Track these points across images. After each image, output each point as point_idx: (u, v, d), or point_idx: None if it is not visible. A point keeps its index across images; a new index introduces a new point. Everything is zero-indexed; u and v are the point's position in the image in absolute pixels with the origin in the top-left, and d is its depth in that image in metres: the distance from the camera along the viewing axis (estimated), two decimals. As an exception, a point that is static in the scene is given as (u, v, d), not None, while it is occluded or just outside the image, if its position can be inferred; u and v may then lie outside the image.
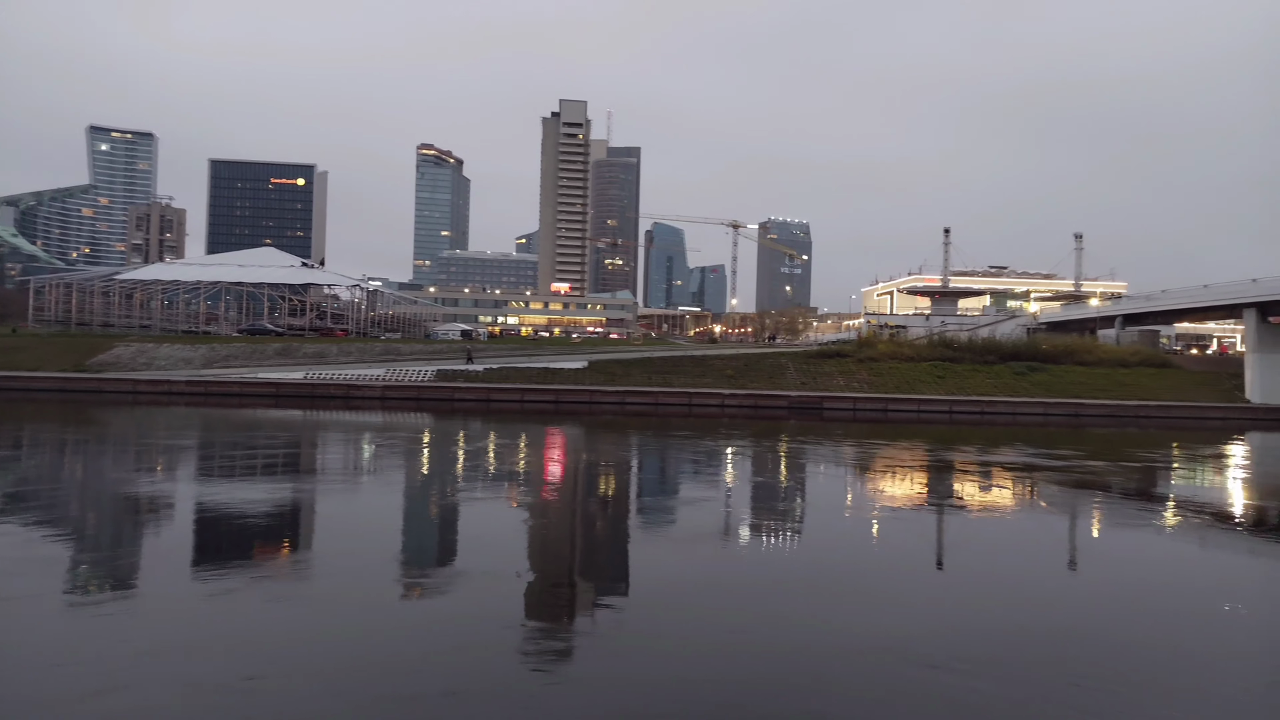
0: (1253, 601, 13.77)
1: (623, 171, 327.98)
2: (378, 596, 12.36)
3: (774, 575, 14.74)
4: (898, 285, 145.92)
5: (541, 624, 11.57)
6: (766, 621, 11.79)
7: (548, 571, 14.88)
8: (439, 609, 12.12)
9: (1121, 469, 32.13)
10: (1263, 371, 68.59)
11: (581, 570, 15.16)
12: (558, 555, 16.27)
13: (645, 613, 12.32)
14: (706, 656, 10.27)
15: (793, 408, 61.07)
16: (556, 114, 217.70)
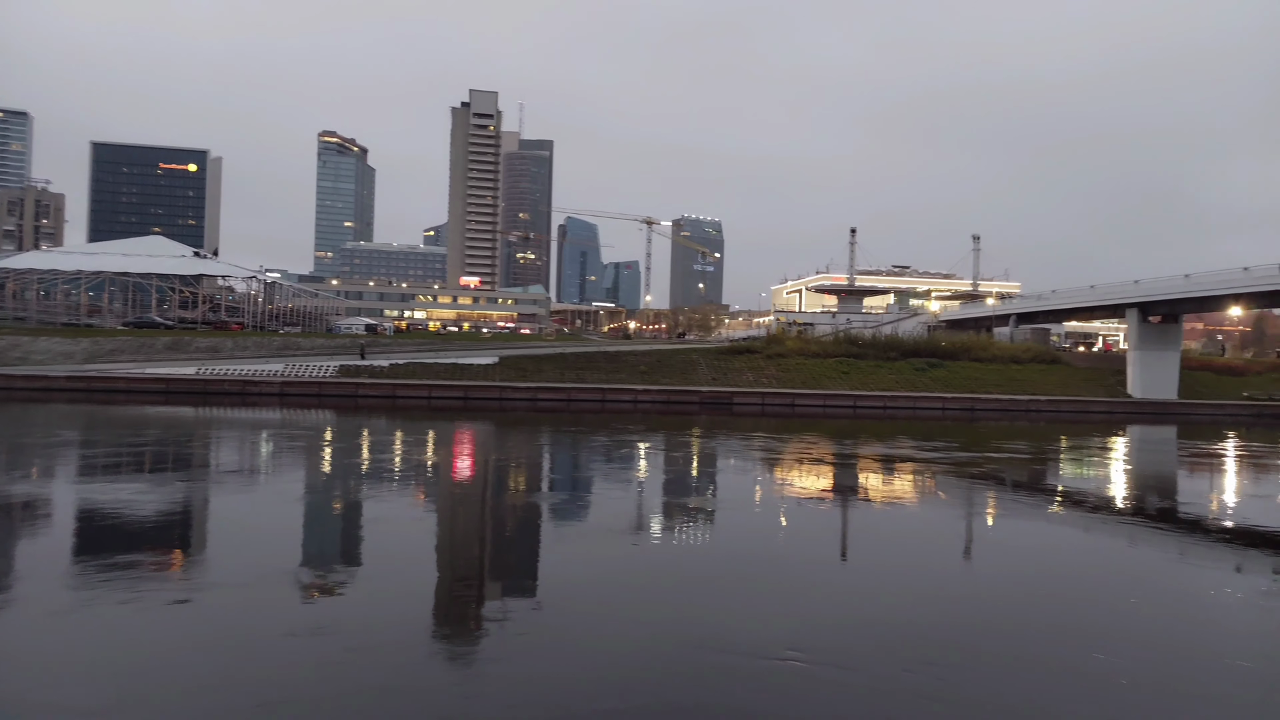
0: (1130, 584, 14.44)
1: (535, 165, 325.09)
2: (271, 601, 11.69)
3: (685, 569, 14.70)
4: (806, 283, 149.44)
5: (449, 626, 11.17)
6: (678, 615, 11.73)
7: (456, 572, 14.43)
8: (338, 613, 11.54)
9: (1013, 461, 33.59)
10: (1143, 368, 73.10)
11: (491, 570, 14.75)
12: (466, 555, 15.80)
13: (556, 611, 12.08)
14: (617, 653, 10.12)
15: (704, 403, 61.63)
16: (466, 104, 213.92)
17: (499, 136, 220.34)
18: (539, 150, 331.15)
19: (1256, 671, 10.12)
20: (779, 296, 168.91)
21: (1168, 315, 74.51)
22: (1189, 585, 14.68)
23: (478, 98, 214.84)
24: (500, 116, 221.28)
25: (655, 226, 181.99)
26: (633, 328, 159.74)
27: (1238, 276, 67.43)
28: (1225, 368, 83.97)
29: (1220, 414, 69.68)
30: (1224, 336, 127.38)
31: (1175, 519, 21.95)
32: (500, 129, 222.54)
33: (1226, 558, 16.83)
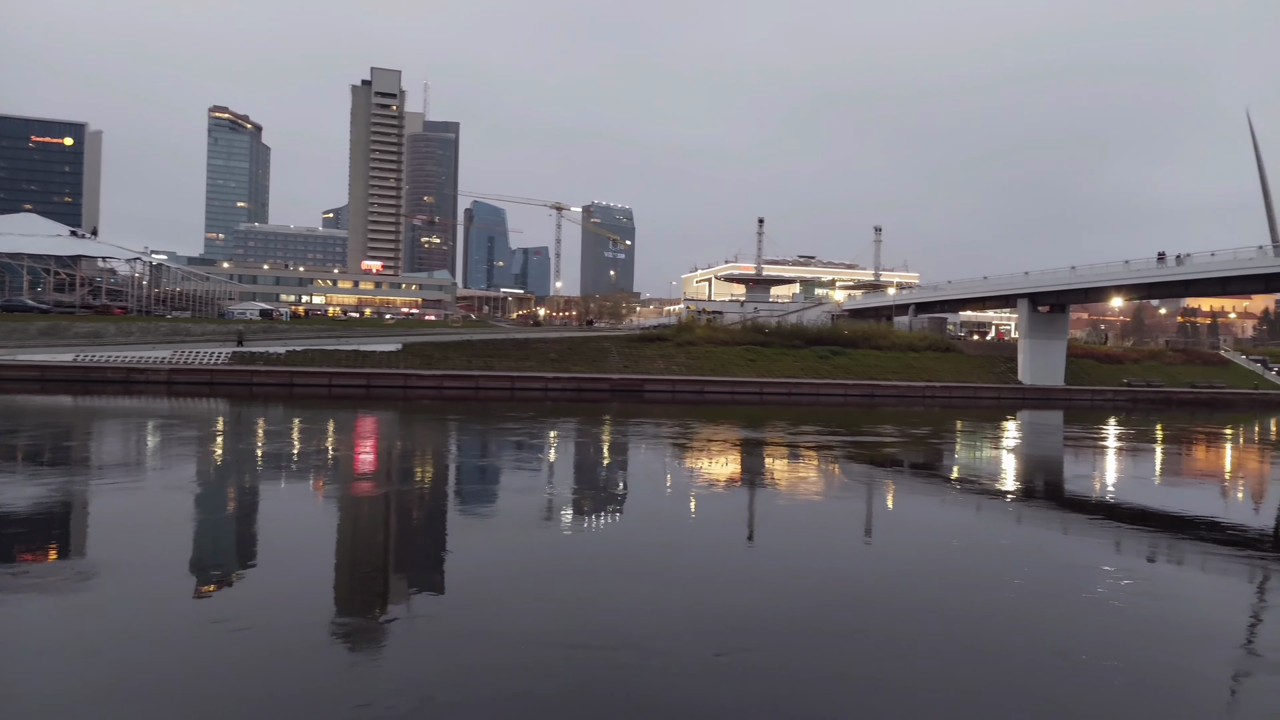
0: (1017, 561, 15.12)
1: (440, 147, 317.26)
2: (162, 599, 10.97)
3: (593, 555, 14.63)
4: (715, 272, 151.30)
5: (352, 619, 10.73)
6: (588, 601, 11.68)
7: (359, 564, 13.90)
8: (234, 610, 10.90)
9: (911, 445, 34.84)
10: (1032, 356, 77.08)
11: (396, 561, 14.26)
12: (370, 546, 15.24)
13: (462, 600, 11.83)
14: (529, 641, 9.95)
15: (615, 390, 61.66)
16: (368, 82, 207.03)
17: (403, 117, 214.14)
18: (444, 132, 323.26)
19: (1127, 640, 10.69)
20: (689, 285, 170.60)
21: (1055, 305, 78.74)
22: (1071, 561, 15.45)
23: (380, 76, 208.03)
24: (404, 96, 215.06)
25: (565, 212, 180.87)
26: (542, 315, 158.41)
27: (1118, 270, 71.84)
28: (1106, 356, 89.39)
29: (1101, 399, 74.22)
30: (1106, 326, 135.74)
31: (1060, 499, 23.18)
32: (404, 109, 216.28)
33: (1106, 535, 17.80)
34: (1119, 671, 9.45)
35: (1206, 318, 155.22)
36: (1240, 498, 24.76)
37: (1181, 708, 8.78)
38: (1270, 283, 67.63)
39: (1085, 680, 9.15)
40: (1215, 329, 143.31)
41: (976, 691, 8.87)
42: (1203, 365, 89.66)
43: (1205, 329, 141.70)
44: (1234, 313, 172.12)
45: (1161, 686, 9.23)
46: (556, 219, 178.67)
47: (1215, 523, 19.53)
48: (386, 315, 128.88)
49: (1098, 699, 8.64)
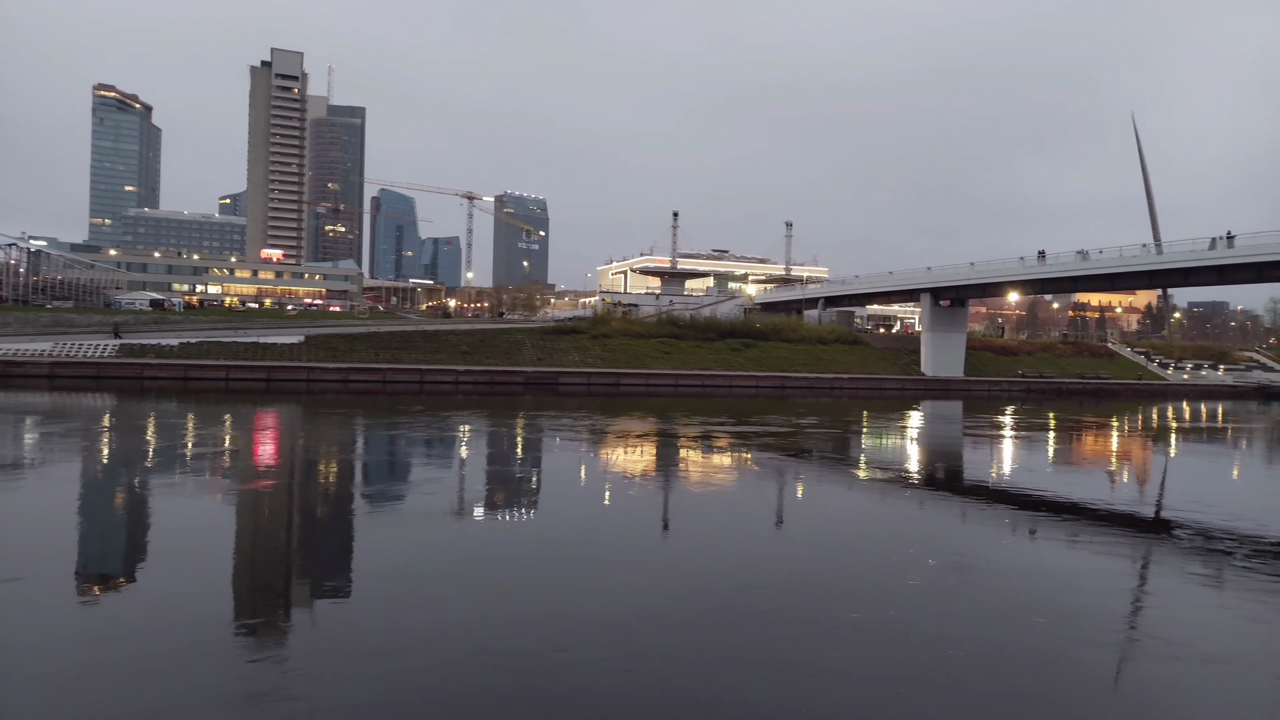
0: (919, 546, 15.46)
1: (346, 132, 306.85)
2: (49, 606, 10.03)
3: (510, 549, 14.29)
4: (631, 265, 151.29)
5: (253, 621, 10.08)
6: (503, 595, 11.44)
7: (260, 565, 13.13)
8: (127, 615, 10.12)
9: (819, 435, 35.52)
10: (934, 348, 79.88)
11: (299, 561, 13.54)
12: (271, 546, 14.41)
13: (370, 598, 11.32)
14: (432, 642, 9.58)
15: (529, 383, 60.91)
16: (268, 63, 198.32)
17: (305, 100, 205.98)
18: (350, 117, 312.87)
19: (1013, 613, 11.02)
20: (604, 277, 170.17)
21: (955, 300, 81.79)
22: (969, 545, 15.98)
23: (281, 58, 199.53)
24: (306, 79, 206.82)
25: (477, 202, 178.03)
26: (453, 306, 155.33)
27: (1014, 266, 75.07)
28: (1003, 348, 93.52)
29: (998, 389, 77.56)
30: (1003, 320, 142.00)
31: (959, 485, 23.96)
32: (306, 92, 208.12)
33: (1002, 518, 18.45)
34: (1005, 646, 9.79)
35: (1095, 312, 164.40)
36: (1124, 481, 26.11)
37: (1062, 680, 9.03)
38: (1153, 278, 71.95)
39: (977, 659, 9.43)
40: (1103, 323, 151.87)
41: (879, 672, 8.97)
42: (1091, 357, 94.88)
43: (1094, 323, 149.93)
44: (1120, 307, 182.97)
45: (1049, 661, 9.51)
46: (468, 208, 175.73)
47: (1101, 506, 20.53)
48: (288, 306, 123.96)
49: (989, 675, 8.91)
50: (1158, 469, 29.47)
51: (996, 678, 9.11)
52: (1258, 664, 9.90)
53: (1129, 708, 8.58)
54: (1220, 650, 10.20)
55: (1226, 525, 17.76)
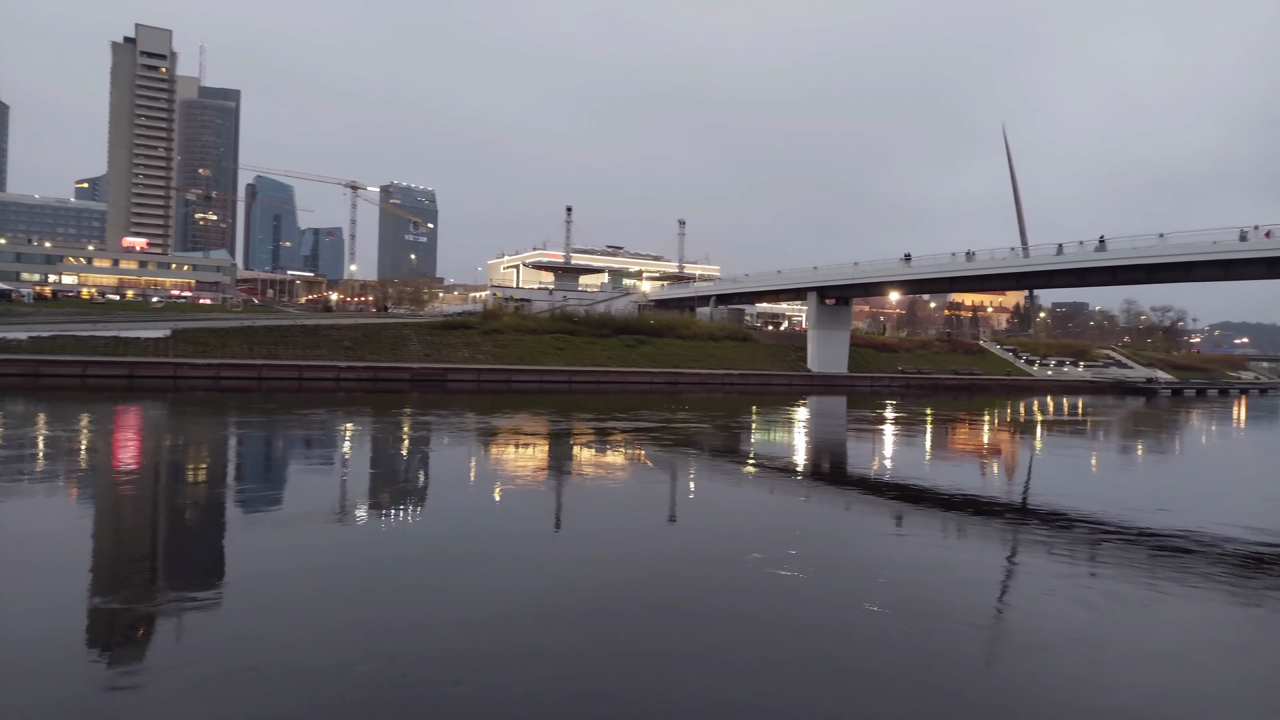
0: (804, 535, 15.56)
1: (219, 115, 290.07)
2: None
3: (397, 549, 13.60)
4: (523, 259, 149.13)
5: (110, 637, 9.03)
6: (391, 595, 10.95)
7: (120, 574, 11.84)
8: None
9: (711, 429, 35.72)
10: (820, 345, 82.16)
11: (165, 569, 12.23)
12: (133, 553, 13.03)
13: (243, 607, 10.42)
14: (325, 641, 9.03)
15: (416, 380, 59.00)
16: (131, 39, 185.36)
17: (174, 81, 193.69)
18: (224, 100, 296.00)
19: (898, 605, 11.14)
20: (496, 271, 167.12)
21: (840, 299, 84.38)
22: (852, 533, 16.34)
23: (146, 35, 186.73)
24: (175, 58, 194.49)
25: (361, 192, 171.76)
26: (335, 300, 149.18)
27: (894, 266, 78.06)
28: (884, 345, 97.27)
29: (879, 385, 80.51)
30: (885, 318, 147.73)
31: (844, 478, 24.46)
32: (175, 72, 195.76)
33: (884, 509, 18.87)
34: (893, 631, 9.82)
35: (970, 311, 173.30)
36: (994, 471, 27.31)
37: (938, 661, 9.12)
38: (1020, 280, 76.27)
39: (856, 643, 9.45)
40: (976, 322, 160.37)
41: (772, 659, 8.82)
42: (965, 354, 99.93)
43: (968, 321, 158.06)
44: (991, 307, 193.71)
45: (925, 647, 9.59)
46: (352, 198, 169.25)
47: (975, 495, 21.30)
48: (154, 298, 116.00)
49: (871, 656, 8.96)
50: (1024, 460, 30.98)
51: (879, 663, 9.03)
52: (1124, 643, 10.22)
53: (995, 687, 8.63)
54: (1084, 631, 10.50)
55: (1088, 512, 18.65)
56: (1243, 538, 16.30)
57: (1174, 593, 12.24)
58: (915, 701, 8.27)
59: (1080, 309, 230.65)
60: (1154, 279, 61.69)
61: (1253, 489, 26.44)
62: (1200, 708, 8.50)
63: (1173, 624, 11.17)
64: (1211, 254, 54.46)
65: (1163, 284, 66.64)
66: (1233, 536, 16.33)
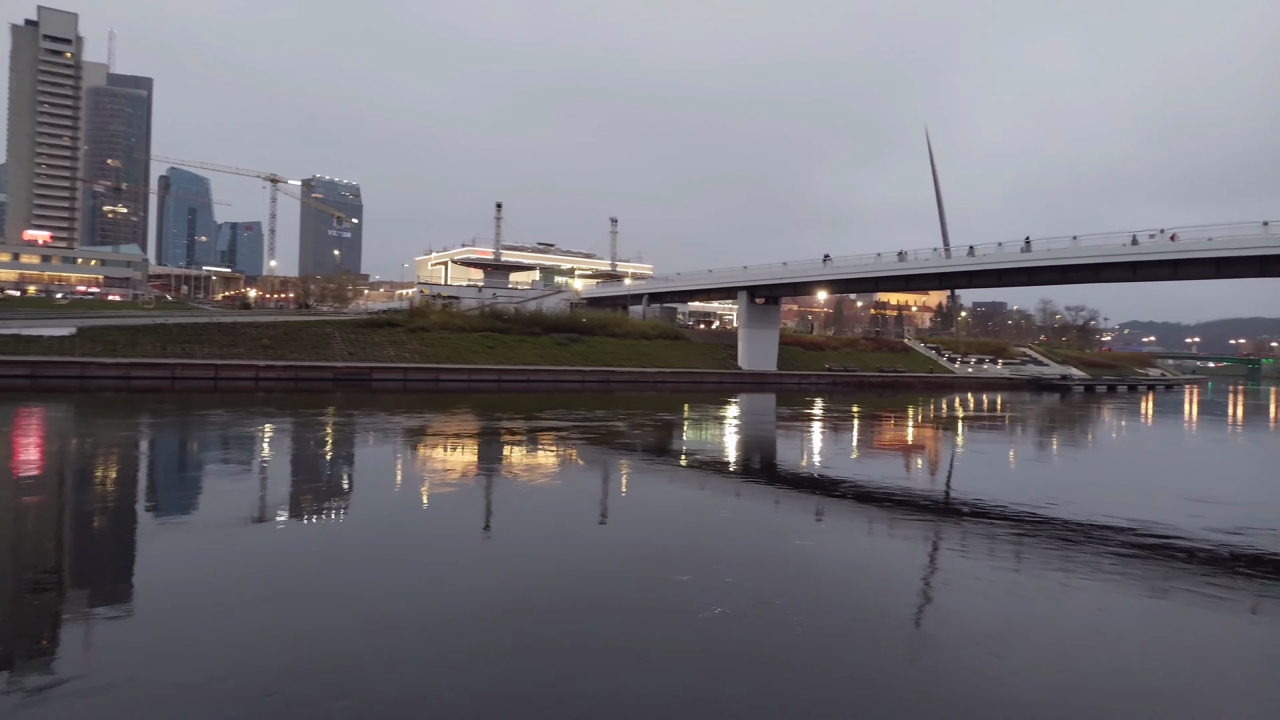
0: (736, 530, 15.60)
1: (130, 104, 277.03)
2: None
3: (321, 553, 13.07)
4: (452, 256, 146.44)
5: (12, 651, 8.24)
6: (314, 602, 10.51)
7: (19, 585, 10.93)
8: None
9: (643, 427, 35.65)
10: (750, 344, 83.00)
11: (71, 578, 11.42)
12: (35, 563, 12.09)
13: (156, 617, 9.89)
14: (201, 655, 8.51)
15: (339, 379, 57.41)
16: (33, 22, 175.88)
17: (80, 67, 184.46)
18: (135, 88, 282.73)
19: (822, 593, 11.24)
20: (423, 268, 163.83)
21: (770, 298, 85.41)
22: (781, 527, 16.37)
23: (50, 17, 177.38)
24: (81, 43, 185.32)
25: (282, 185, 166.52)
26: (254, 296, 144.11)
27: (821, 266, 79.40)
28: (812, 344, 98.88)
29: (807, 383, 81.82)
30: (813, 317, 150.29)
31: (773, 474, 24.66)
32: (82, 58, 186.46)
33: (810, 504, 19.11)
34: (811, 624, 9.89)
35: (894, 310, 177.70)
36: (918, 466, 27.93)
37: (856, 644, 9.19)
38: (943, 280, 78.60)
39: (780, 629, 9.46)
40: (901, 320, 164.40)
41: (698, 653, 8.76)
42: (890, 352, 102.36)
43: (893, 320, 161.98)
44: (916, 306, 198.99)
45: (845, 633, 9.68)
46: (271, 192, 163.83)
47: (899, 489, 21.73)
48: (58, 295, 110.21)
49: (792, 644, 8.97)
50: (946, 455, 31.79)
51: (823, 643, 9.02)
52: (1046, 633, 10.46)
53: (922, 680, 8.70)
54: (1004, 620, 10.73)
55: (1006, 504, 19.17)
56: (1131, 528, 16.95)
57: (1071, 584, 12.60)
58: (846, 691, 8.27)
59: (999, 308, 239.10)
60: (1067, 279, 64.24)
61: (1145, 482, 27.63)
62: (1095, 695, 8.70)
63: (1068, 614, 11.47)
64: (1120, 256, 56.94)
65: (1075, 284, 69.40)
66: (1123, 527, 16.99)
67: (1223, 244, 52.09)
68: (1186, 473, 29.87)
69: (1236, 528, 17.10)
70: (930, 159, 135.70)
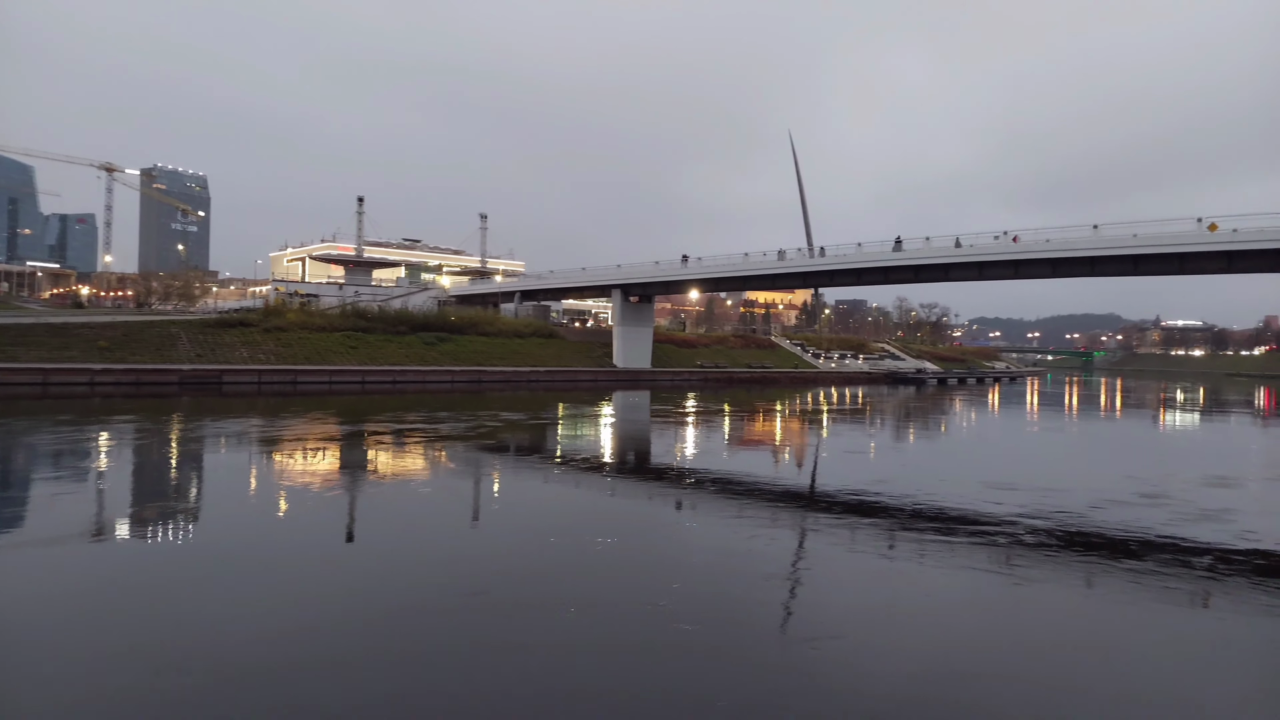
0: (608, 527, 15.48)
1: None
2: None
3: (167, 571, 12.02)
4: (310, 252, 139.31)
5: None
6: (161, 622, 9.78)
7: None
8: None
9: (517, 427, 35.06)
10: (625, 342, 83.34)
11: None
12: None
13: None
14: (68, 680, 7.80)
15: (186, 383, 53.60)
16: None
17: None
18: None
19: (701, 584, 11.32)
20: (279, 265, 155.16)
21: (643, 296, 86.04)
22: (654, 522, 16.59)
23: None
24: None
25: (118, 175, 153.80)
26: (86, 294, 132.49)
27: (692, 266, 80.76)
28: (684, 341, 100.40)
29: (680, 379, 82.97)
30: (685, 315, 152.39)
31: (647, 470, 24.72)
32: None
33: (683, 498, 19.29)
34: (692, 611, 9.91)
35: (762, 308, 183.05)
36: (785, 459, 28.75)
37: (737, 629, 9.30)
38: (807, 279, 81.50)
39: (668, 620, 9.44)
40: (768, 318, 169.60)
41: (581, 645, 8.62)
42: (758, 349, 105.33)
43: (761, 318, 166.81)
44: (782, 304, 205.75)
45: (728, 621, 9.80)
46: (107, 182, 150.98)
47: (769, 481, 22.24)
48: None
49: (680, 630, 8.96)
50: (811, 446, 32.91)
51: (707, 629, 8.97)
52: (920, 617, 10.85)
53: (798, 664, 8.82)
54: (875, 601, 11.06)
55: (872, 492, 19.95)
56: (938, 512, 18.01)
57: (904, 568, 13.19)
58: (722, 674, 8.23)
59: (860, 306, 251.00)
60: (920, 279, 67.95)
61: (960, 470, 29.53)
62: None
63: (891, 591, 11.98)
64: (968, 256, 60.72)
65: (928, 283, 73.59)
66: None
67: (1058, 246, 56.39)
68: (1000, 460, 32.02)
69: (1027, 512, 18.46)
70: (795, 162, 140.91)
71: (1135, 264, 54.34)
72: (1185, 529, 16.48)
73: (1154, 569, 13.29)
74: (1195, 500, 20.17)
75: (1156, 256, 52.25)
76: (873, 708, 8.01)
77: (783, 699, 8.07)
